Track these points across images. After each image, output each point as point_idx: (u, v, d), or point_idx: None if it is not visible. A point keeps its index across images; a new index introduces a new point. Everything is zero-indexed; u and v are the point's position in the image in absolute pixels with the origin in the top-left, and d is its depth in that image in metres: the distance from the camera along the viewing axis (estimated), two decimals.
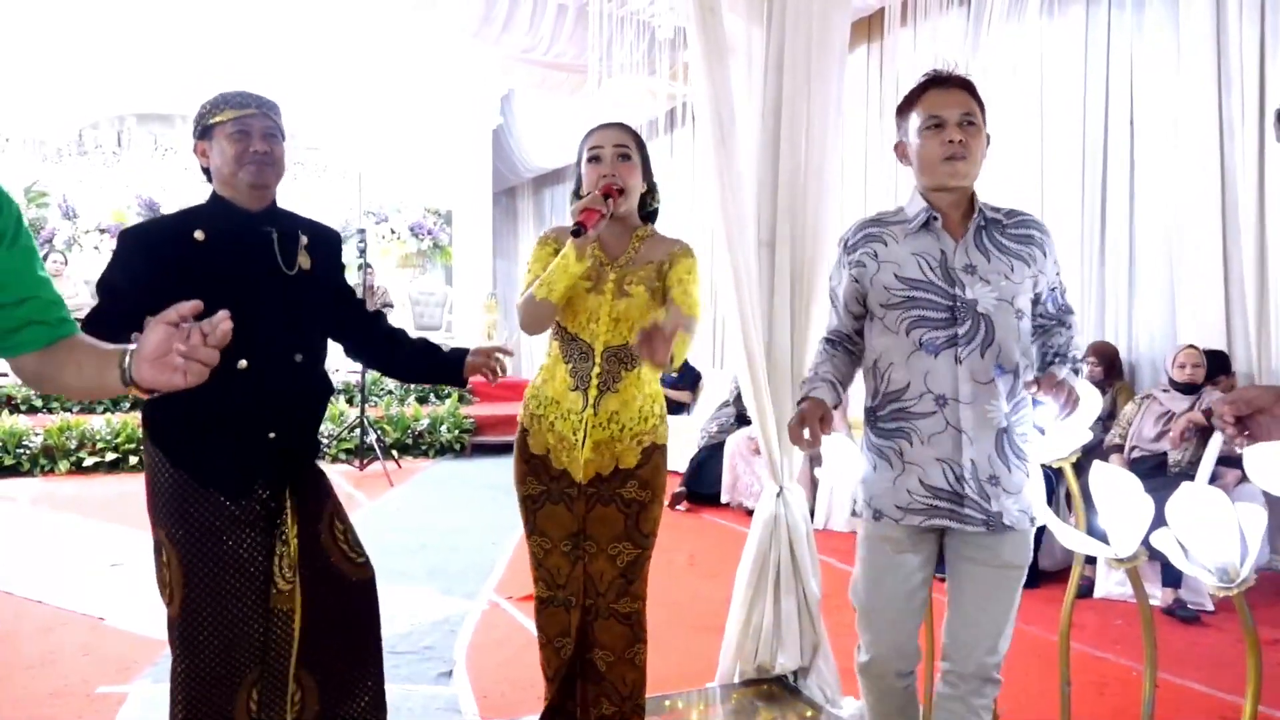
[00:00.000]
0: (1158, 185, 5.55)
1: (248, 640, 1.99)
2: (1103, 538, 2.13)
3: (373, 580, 2.20)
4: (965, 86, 1.96)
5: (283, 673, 2.03)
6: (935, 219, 1.97)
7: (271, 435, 2.03)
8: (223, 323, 1.22)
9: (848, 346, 2.13)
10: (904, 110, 2.01)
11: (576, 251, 2.17)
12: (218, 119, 2.00)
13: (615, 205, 2.21)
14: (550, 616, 2.39)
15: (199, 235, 1.98)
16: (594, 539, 2.32)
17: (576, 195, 2.39)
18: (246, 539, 2.00)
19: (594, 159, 2.29)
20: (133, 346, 1.28)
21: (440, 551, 5.05)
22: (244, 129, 2.00)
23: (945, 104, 1.93)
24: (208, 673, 1.96)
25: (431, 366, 2.37)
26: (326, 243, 2.20)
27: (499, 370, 2.34)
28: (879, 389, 2.04)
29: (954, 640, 1.99)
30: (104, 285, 1.99)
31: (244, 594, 1.99)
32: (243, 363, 1.95)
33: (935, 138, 1.93)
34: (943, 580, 2.05)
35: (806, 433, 1.93)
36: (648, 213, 2.43)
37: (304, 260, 2.10)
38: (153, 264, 1.94)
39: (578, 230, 2.12)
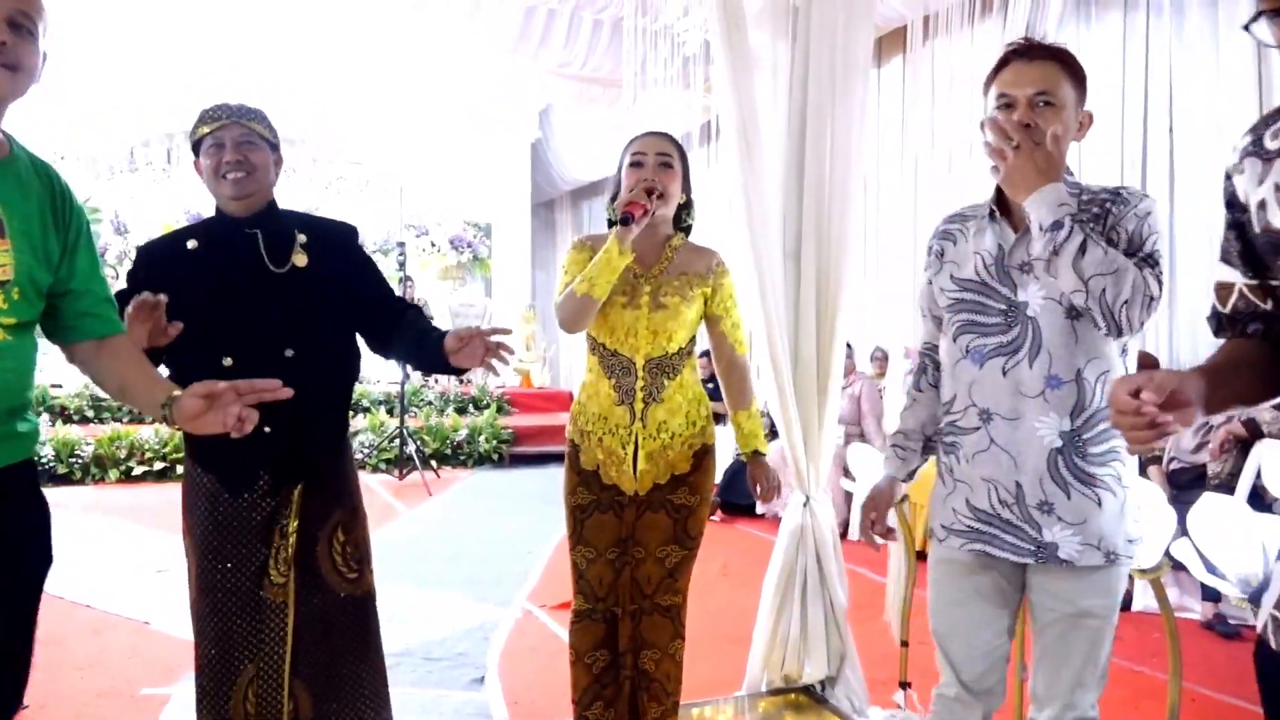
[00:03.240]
0: (1198, 192, 5.47)
1: (241, 635, 2.04)
2: None
3: (366, 598, 2.16)
4: (1055, 57, 1.71)
5: (277, 673, 2.05)
6: (993, 211, 1.78)
7: (266, 429, 1.92)
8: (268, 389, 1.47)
9: (936, 362, 1.94)
10: (986, 84, 1.78)
11: (619, 244, 2.17)
12: (199, 134, 2.05)
13: (655, 204, 2.23)
14: (583, 631, 2.38)
15: (191, 245, 2.07)
16: (643, 545, 2.35)
17: (613, 199, 2.39)
18: (246, 535, 2.04)
19: (636, 164, 2.30)
20: (178, 393, 1.57)
21: (476, 560, 5.12)
22: (217, 142, 2.03)
23: (1019, 81, 1.69)
24: (209, 658, 2.04)
25: (421, 361, 2.21)
26: (329, 239, 2.16)
27: (497, 356, 2.04)
28: (945, 399, 1.89)
29: (1034, 690, 1.81)
30: (120, 296, 2.03)
31: (238, 590, 2.04)
32: (228, 360, 1.99)
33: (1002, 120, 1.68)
34: None
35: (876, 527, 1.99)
36: (682, 228, 2.45)
37: (299, 258, 2.08)
38: (153, 275, 2.03)
39: (626, 219, 2.14)
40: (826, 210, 2.89)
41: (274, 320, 2.05)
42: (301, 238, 2.11)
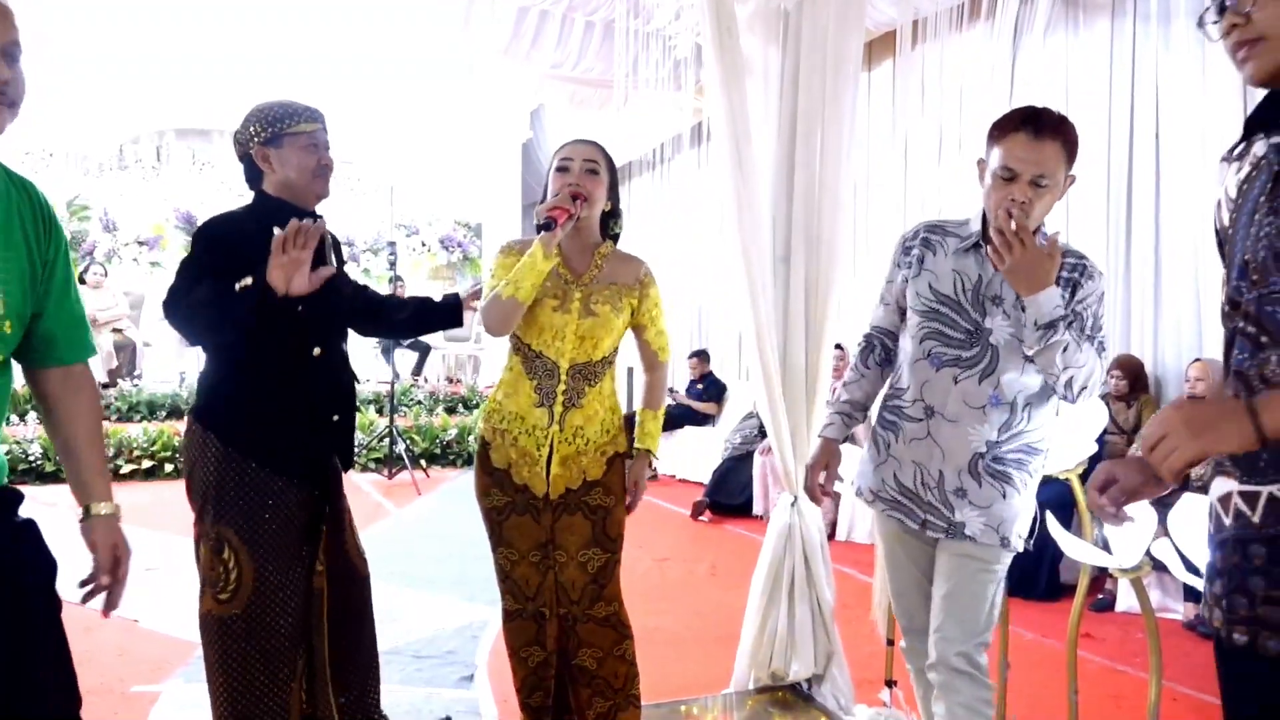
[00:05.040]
0: (1183, 199, 5.53)
1: (298, 628, 2.10)
2: (1109, 549, 2.16)
3: (369, 577, 2.33)
4: (1060, 133, 1.90)
5: (321, 659, 2.12)
6: (980, 245, 2.00)
7: (335, 418, 2.15)
8: None
9: (885, 345, 2.21)
10: (993, 135, 1.95)
11: (544, 249, 2.20)
12: (294, 129, 2.09)
13: (580, 209, 2.27)
14: (516, 629, 2.42)
15: (277, 232, 2.04)
16: (563, 548, 2.37)
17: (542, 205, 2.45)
18: (302, 529, 2.10)
19: (562, 169, 2.35)
20: (105, 511, 1.68)
21: (465, 559, 5.12)
22: (316, 142, 2.12)
23: (1025, 158, 1.87)
24: (270, 659, 2.04)
25: (431, 314, 2.56)
26: (338, 246, 2.33)
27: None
28: (893, 381, 2.17)
29: (931, 635, 2.06)
30: (185, 270, 2.04)
31: (301, 583, 2.10)
32: (317, 350, 2.07)
33: (1004, 188, 1.90)
34: None
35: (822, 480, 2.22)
36: (610, 235, 2.49)
37: (334, 259, 2.23)
38: (235, 255, 2.00)
39: (547, 225, 2.19)
40: (817, 214, 2.92)
41: (336, 315, 2.20)
42: (330, 238, 2.23)
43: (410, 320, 2.56)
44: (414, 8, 8.53)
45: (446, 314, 2.56)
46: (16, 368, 1.58)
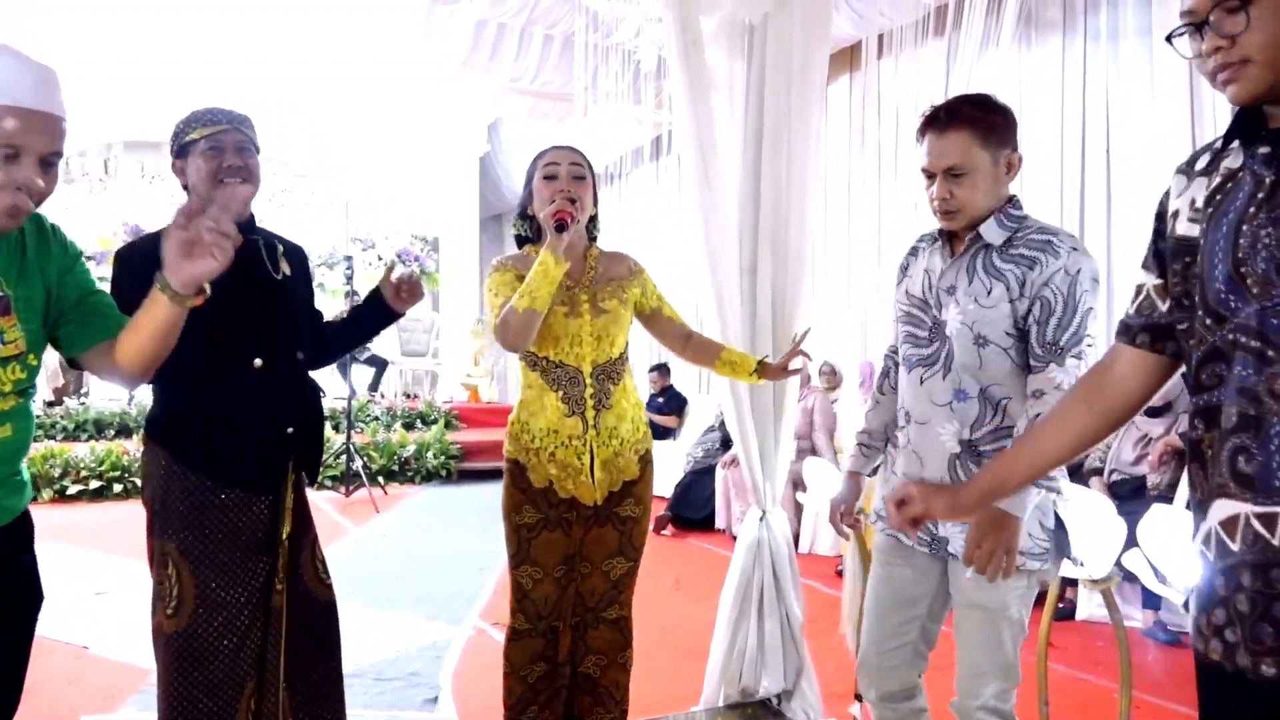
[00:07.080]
0: (1134, 210, 5.64)
1: (251, 649, 2.03)
2: (1077, 559, 2.17)
3: (335, 603, 2.25)
4: (967, 122, 1.80)
5: (275, 680, 2.06)
6: (936, 239, 1.97)
7: (290, 430, 2.09)
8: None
9: (899, 365, 2.12)
10: (917, 142, 1.91)
11: (554, 256, 2.16)
12: (191, 136, 2.03)
13: (578, 212, 2.26)
14: (523, 647, 2.39)
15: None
16: (589, 559, 2.39)
17: (522, 215, 2.44)
18: (254, 546, 2.04)
19: (550, 176, 2.32)
20: (161, 274, 1.54)
21: (426, 578, 5.05)
22: (217, 145, 2.02)
23: (933, 153, 1.84)
24: (214, 681, 1.98)
25: (361, 321, 2.46)
26: (298, 255, 2.27)
27: (415, 287, 2.42)
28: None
29: (956, 676, 1.96)
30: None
31: (250, 602, 2.03)
32: (257, 361, 2.02)
33: (928, 189, 1.88)
34: None
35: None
36: (591, 238, 2.50)
37: (285, 267, 2.18)
38: (151, 277, 1.96)
39: (560, 226, 2.16)
40: (783, 226, 2.92)
41: (284, 324, 2.12)
42: (280, 248, 2.18)
43: (345, 331, 2.45)
44: (371, 20, 8.46)
45: (377, 310, 2.44)
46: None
